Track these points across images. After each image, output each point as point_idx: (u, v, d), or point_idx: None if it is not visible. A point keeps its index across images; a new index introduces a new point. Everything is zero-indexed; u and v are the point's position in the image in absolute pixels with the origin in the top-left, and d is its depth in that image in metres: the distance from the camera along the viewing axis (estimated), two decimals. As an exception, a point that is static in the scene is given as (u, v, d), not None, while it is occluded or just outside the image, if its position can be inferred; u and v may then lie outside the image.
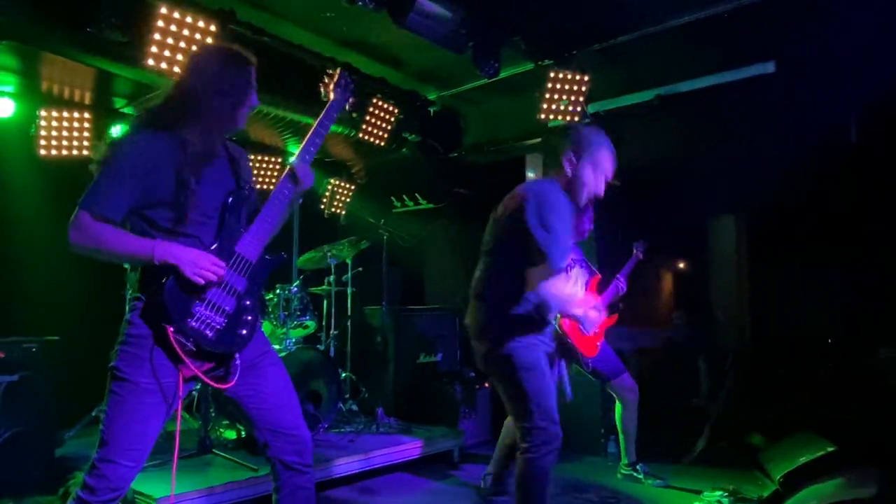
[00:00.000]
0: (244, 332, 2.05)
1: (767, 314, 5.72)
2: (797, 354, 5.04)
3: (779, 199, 4.93)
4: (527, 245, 2.55)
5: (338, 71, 2.39)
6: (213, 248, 2.03)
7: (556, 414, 2.64)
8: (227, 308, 2.02)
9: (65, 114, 4.57)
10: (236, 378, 2.03)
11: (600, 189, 2.78)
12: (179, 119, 2.01)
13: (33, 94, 4.64)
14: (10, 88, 4.57)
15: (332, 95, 2.34)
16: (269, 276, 2.24)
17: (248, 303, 2.07)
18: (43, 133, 4.52)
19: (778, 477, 3.52)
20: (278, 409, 2.15)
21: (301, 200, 2.27)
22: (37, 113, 4.51)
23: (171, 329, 1.90)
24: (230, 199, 2.09)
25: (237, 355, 2.05)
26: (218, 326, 1.98)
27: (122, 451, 1.91)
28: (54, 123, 4.55)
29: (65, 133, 4.58)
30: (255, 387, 2.13)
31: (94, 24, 3.38)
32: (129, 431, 1.92)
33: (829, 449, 3.38)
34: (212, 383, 2.01)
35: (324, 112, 2.29)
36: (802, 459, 3.44)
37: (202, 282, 1.94)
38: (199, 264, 1.93)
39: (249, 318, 2.07)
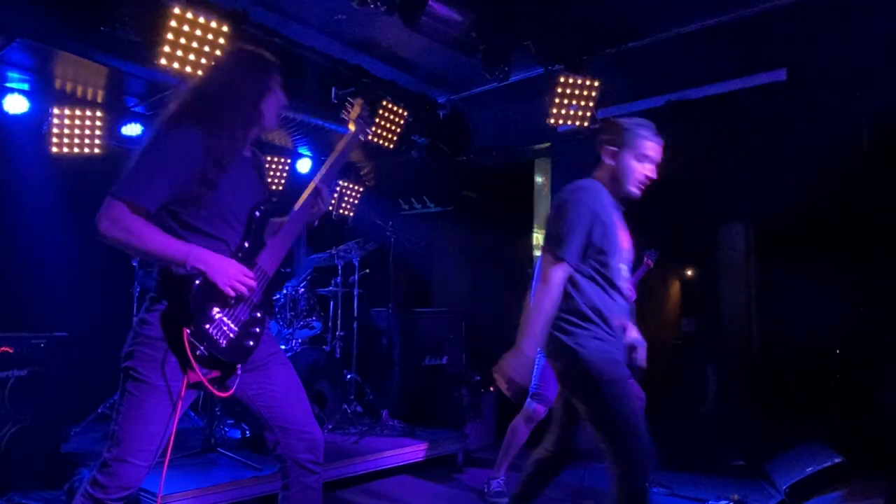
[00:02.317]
0: (251, 343, 2.05)
1: (776, 322, 5.67)
2: (806, 363, 4.99)
3: (789, 207, 4.90)
4: None
5: (359, 102, 2.37)
6: (238, 255, 2.03)
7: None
8: (241, 318, 2.02)
9: (77, 112, 4.61)
10: (234, 388, 2.03)
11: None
12: (201, 120, 2.00)
13: (46, 91, 4.67)
14: (23, 86, 4.61)
15: (352, 127, 2.31)
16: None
17: (258, 315, 2.08)
18: (55, 131, 4.55)
19: (784, 487, 3.50)
20: (289, 408, 2.15)
21: (316, 223, 2.29)
22: (49, 110, 4.55)
23: (189, 331, 1.88)
24: (259, 210, 2.08)
25: (239, 367, 2.04)
26: (231, 335, 1.99)
27: (136, 451, 1.91)
28: (66, 121, 4.58)
29: (77, 131, 4.61)
30: (263, 386, 2.13)
31: (108, 23, 3.41)
32: (144, 432, 1.92)
33: (837, 460, 3.36)
34: (213, 390, 2.00)
35: (345, 142, 2.28)
36: (809, 470, 3.42)
37: (233, 294, 1.94)
38: (232, 275, 1.93)
39: (258, 330, 2.07)
